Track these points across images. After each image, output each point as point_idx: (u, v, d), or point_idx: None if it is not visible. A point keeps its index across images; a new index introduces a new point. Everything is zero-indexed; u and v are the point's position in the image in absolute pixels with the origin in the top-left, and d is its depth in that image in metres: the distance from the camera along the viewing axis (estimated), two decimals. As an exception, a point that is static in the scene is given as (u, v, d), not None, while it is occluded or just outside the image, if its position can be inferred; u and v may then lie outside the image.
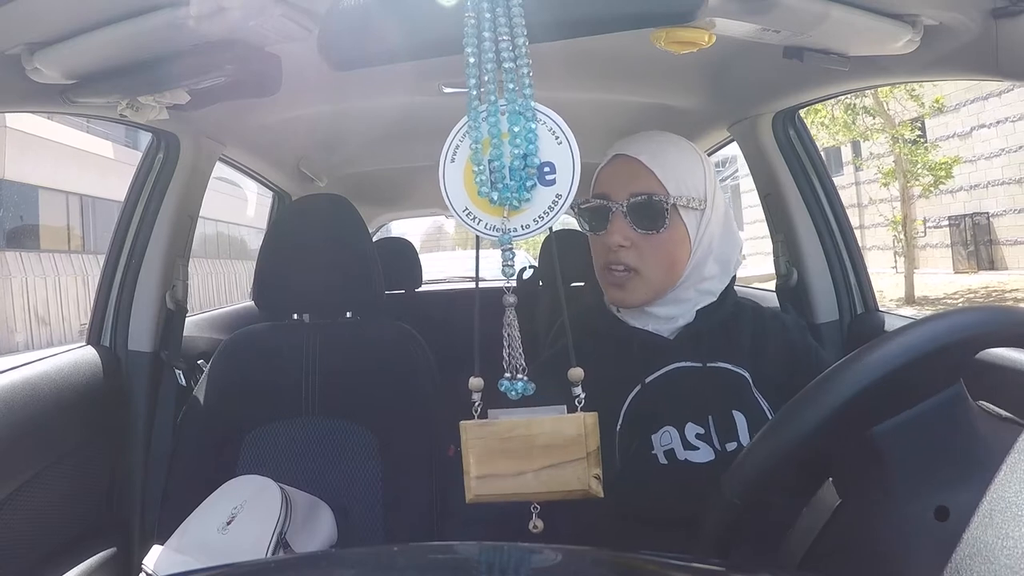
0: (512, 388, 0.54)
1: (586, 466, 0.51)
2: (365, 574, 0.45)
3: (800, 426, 0.54)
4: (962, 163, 11.49)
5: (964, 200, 13.19)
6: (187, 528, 1.00)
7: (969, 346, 0.54)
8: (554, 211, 0.54)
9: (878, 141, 10.43)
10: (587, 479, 0.51)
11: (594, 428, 0.52)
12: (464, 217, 0.55)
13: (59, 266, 12.85)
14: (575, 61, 1.18)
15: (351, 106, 1.47)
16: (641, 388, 0.86)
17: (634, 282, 0.85)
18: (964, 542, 0.32)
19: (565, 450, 0.51)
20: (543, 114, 0.55)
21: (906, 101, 10.11)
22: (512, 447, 0.51)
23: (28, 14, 0.74)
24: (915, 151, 9.99)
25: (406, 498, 1.18)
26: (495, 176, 0.53)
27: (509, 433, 0.52)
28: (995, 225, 12.78)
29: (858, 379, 0.53)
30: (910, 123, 10.51)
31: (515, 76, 0.54)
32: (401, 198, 2.97)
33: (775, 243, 1.47)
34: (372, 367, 1.25)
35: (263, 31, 0.79)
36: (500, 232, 0.53)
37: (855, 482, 0.55)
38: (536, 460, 0.51)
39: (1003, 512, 0.32)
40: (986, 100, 12.32)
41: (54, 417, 1.11)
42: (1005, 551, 0.31)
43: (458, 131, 0.56)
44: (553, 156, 0.54)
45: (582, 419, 0.52)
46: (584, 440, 0.51)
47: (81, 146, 13.44)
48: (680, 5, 0.68)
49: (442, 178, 0.56)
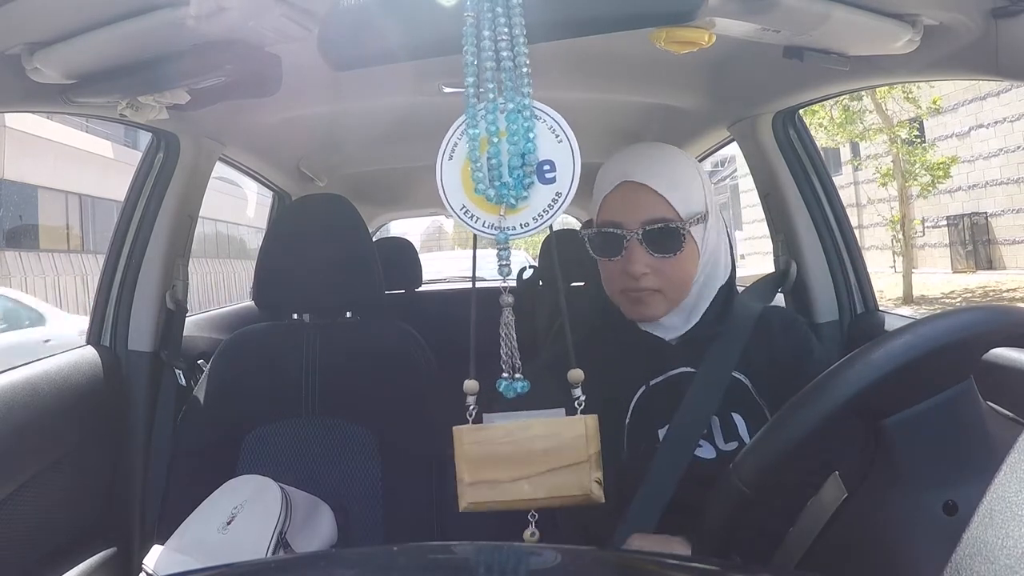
0: (511, 388, 0.54)
1: (588, 470, 0.49)
2: (365, 574, 0.45)
3: (811, 415, 0.54)
4: (960, 163, 11.53)
5: (963, 200, 13.21)
6: (187, 528, 1.00)
7: (983, 341, 0.54)
8: (554, 209, 0.53)
9: (876, 141, 10.47)
10: (588, 484, 0.49)
11: (595, 431, 0.50)
12: (461, 215, 0.54)
13: (58, 266, 12.85)
14: (575, 61, 1.18)
15: (351, 106, 1.47)
16: (646, 389, 0.88)
17: (656, 299, 0.87)
18: (964, 541, 0.32)
19: (565, 454, 0.49)
20: (543, 112, 0.54)
21: (903, 102, 10.18)
22: (508, 452, 0.49)
23: (28, 14, 0.74)
24: (913, 151, 10.06)
25: (406, 498, 1.18)
26: (492, 174, 0.53)
27: (505, 438, 0.50)
28: (993, 225, 12.81)
29: (871, 371, 0.53)
30: (908, 123, 10.57)
31: (514, 75, 0.54)
32: (401, 198, 2.97)
33: (775, 243, 1.47)
34: (372, 367, 1.25)
35: (263, 31, 0.79)
36: (497, 230, 0.53)
37: (862, 475, 0.56)
38: (534, 465, 0.49)
39: (1004, 512, 0.32)
40: (984, 100, 12.34)
41: (54, 417, 1.11)
42: (1005, 551, 0.31)
43: (456, 128, 0.56)
44: (553, 154, 0.53)
45: (583, 421, 0.50)
46: (585, 443, 0.49)
47: (81, 146, 13.41)
48: (680, 5, 0.68)
49: (439, 175, 0.55)
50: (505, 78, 0.54)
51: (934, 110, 10.42)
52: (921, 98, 10.35)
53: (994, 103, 12.19)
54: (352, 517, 1.17)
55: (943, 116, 12.21)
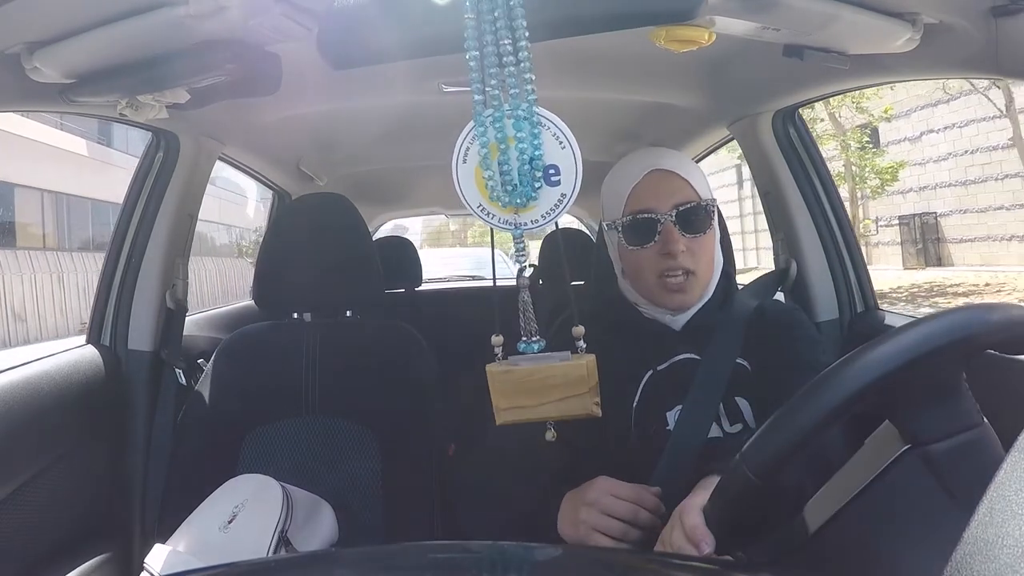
0: (529, 348, 0.65)
1: (589, 397, 0.64)
2: (365, 573, 0.45)
3: (819, 408, 0.56)
4: (912, 166, 12.19)
5: (914, 200, 13.84)
6: (188, 527, 1.00)
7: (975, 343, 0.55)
8: (559, 208, 0.59)
9: (828, 147, 10.78)
10: (590, 405, 0.64)
11: (594, 368, 0.64)
12: (479, 212, 0.61)
13: (35, 264, 12.79)
14: (575, 60, 1.18)
15: (351, 105, 1.46)
16: (653, 374, 0.92)
17: (691, 282, 0.92)
18: (965, 539, 0.32)
19: (572, 386, 0.63)
20: (547, 119, 0.58)
21: (856, 111, 10.71)
22: (530, 387, 0.64)
23: (28, 13, 0.74)
24: (863, 156, 10.53)
25: (406, 496, 1.18)
26: (505, 179, 0.58)
27: (528, 376, 0.64)
28: (942, 224, 13.44)
29: (878, 365, 0.54)
30: (859, 129, 11.08)
31: (518, 81, 0.56)
32: (401, 197, 2.97)
33: (775, 241, 1.47)
34: (372, 366, 1.25)
35: (263, 30, 0.79)
36: (513, 225, 0.60)
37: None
38: (551, 394, 0.64)
39: (1004, 510, 0.32)
40: (935, 107, 12.88)
41: (54, 416, 1.11)
42: (1006, 549, 0.31)
43: (467, 134, 0.60)
44: (557, 159, 0.59)
45: (585, 361, 0.63)
46: (587, 378, 0.63)
47: (56, 143, 13.17)
48: (680, 3, 0.68)
49: (456, 178, 0.60)
50: (510, 83, 0.56)
51: (884, 118, 10.78)
52: (873, 108, 10.78)
53: (944, 110, 12.71)
54: (352, 516, 1.17)
55: (897, 121, 12.72)
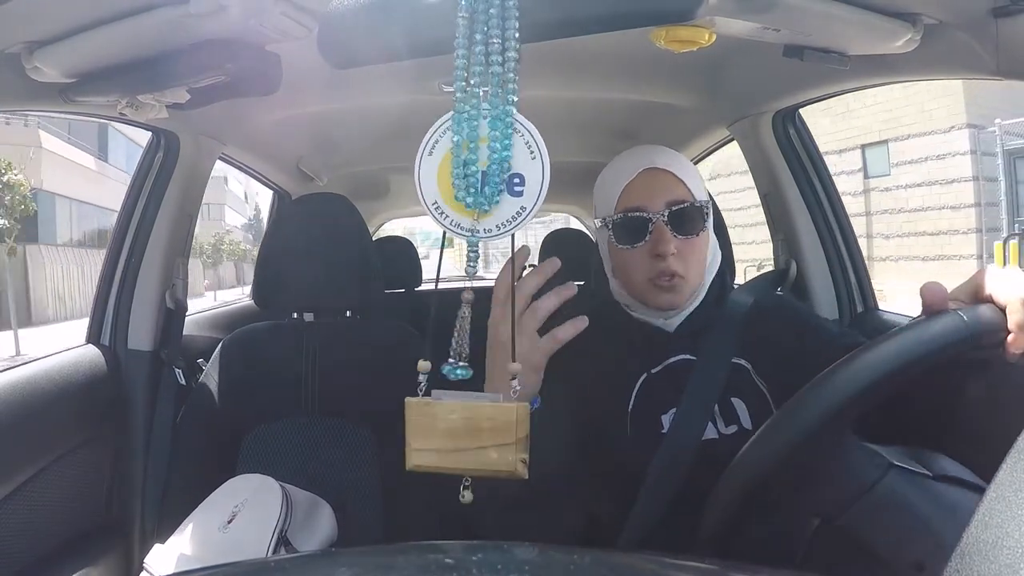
0: (453, 371, 0.59)
1: (515, 451, 0.55)
2: (364, 573, 0.45)
3: (818, 409, 0.55)
4: None
5: None
6: (188, 527, 1.00)
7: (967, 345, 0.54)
8: (517, 221, 0.55)
9: None
10: (515, 462, 0.55)
11: (525, 417, 0.55)
12: (432, 210, 0.56)
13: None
14: (575, 60, 1.18)
15: (351, 105, 1.46)
16: (647, 377, 0.91)
17: (680, 284, 0.90)
18: (964, 540, 0.32)
19: (497, 434, 0.55)
20: (523, 127, 0.55)
21: None
22: (451, 426, 0.56)
23: (28, 13, 0.74)
24: None
25: (405, 496, 1.18)
26: (470, 180, 0.55)
27: (449, 414, 0.56)
28: None
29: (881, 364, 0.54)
30: None
31: (502, 80, 0.54)
32: (401, 197, 2.97)
33: (775, 242, 1.47)
34: (371, 366, 1.25)
35: (262, 30, 0.79)
36: (468, 232, 0.55)
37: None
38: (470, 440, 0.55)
39: (1003, 511, 0.32)
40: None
41: (54, 416, 1.11)
42: (1006, 549, 0.31)
43: (438, 127, 0.57)
44: (525, 169, 0.54)
45: (515, 409, 0.55)
46: (515, 428, 0.54)
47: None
48: (680, 3, 0.68)
49: (417, 170, 0.57)
50: (492, 83, 0.54)
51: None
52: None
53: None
54: (351, 516, 1.17)
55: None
